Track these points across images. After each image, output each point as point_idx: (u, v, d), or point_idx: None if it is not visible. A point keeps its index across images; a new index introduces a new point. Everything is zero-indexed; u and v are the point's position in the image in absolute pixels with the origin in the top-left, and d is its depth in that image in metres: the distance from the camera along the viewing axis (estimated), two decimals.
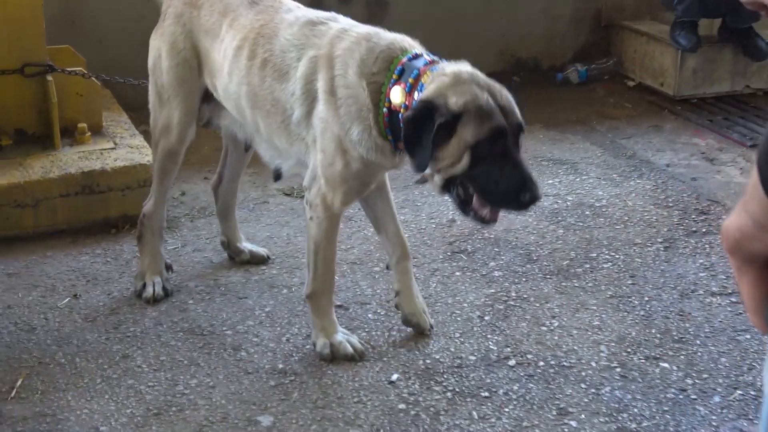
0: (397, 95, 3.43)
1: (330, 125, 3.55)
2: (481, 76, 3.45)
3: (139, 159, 5.00)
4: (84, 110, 5.21)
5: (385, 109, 3.47)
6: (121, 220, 4.96)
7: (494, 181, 3.35)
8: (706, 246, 4.97)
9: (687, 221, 5.25)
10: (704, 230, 5.14)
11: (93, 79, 5.16)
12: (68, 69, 5.05)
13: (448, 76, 3.37)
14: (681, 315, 4.33)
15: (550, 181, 5.69)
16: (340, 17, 3.81)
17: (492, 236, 4.98)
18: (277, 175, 4.06)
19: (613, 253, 4.87)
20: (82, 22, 6.33)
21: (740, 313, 4.34)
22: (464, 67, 3.45)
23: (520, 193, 3.34)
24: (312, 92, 3.61)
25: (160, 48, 4.12)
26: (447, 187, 3.46)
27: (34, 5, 5.01)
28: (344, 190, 3.67)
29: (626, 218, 5.27)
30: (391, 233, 4.05)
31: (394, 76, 3.46)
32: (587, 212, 5.32)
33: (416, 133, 3.32)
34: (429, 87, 3.36)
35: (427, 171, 3.41)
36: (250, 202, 5.33)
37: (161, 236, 4.40)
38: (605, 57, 7.66)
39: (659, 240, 5.03)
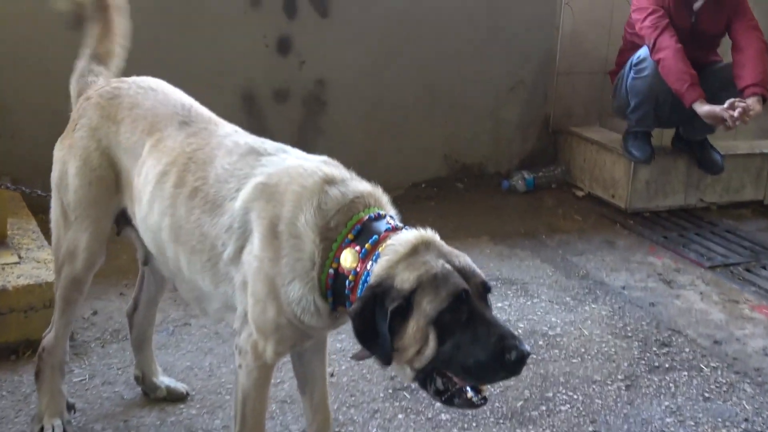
0: (348, 258, 2.95)
1: (264, 268, 3.04)
2: (439, 243, 2.97)
3: (45, 276, 4.44)
4: None
5: (331, 270, 2.98)
6: (22, 346, 4.37)
7: (470, 351, 2.81)
8: (671, 385, 4.55)
9: (648, 354, 4.82)
10: (667, 366, 4.72)
11: None
12: None
13: (402, 247, 2.90)
14: None
15: (500, 304, 5.25)
16: (290, 149, 3.30)
17: None
18: None
19: (570, 393, 4.42)
20: None
21: None
22: (423, 236, 2.96)
23: (503, 354, 2.79)
24: (248, 224, 3.10)
25: (67, 162, 3.59)
26: (422, 381, 2.92)
27: None
28: (277, 338, 3.14)
29: (583, 350, 4.83)
30: (316, 399, 3.55)
31: (350, 236, 2.98)
32: (541, 342, 4.88)
33: (368, 326, 2.83)
34: (380, 262, 2.89)
35: (393, 365, 2.90)
36: (169, 325, 4.78)
37: (62, 372, 3.85)
38: (553, 164, 7.34)
39: (620, 377, 4.59)
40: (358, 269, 2.94)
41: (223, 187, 3.18)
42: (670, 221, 6.77)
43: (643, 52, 6.51)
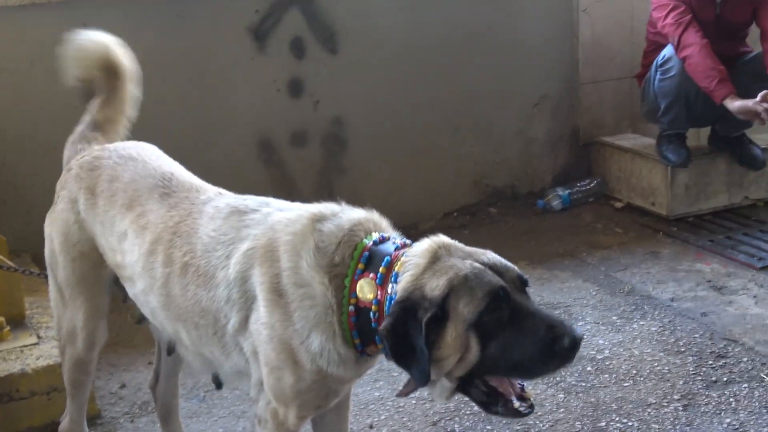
0: (365, 289, 2.75)
1: (276, 332, 2.84)
2: (459, 246, 2.80)
3: None
4: (1, 301, 4.52)
5: (351, 308, 2.78)
6: (48, 430, 4.21)
7: (520, 348, 2.64)
8: (731, 400, 4.29)
9: (704, 369, 4.56)
10: (725, 379, 4.46)
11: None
12: None
13: (422, 257, 2.71)
14: None
15: None
16: (273, 201, 3.11)
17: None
18: (219, 383, 3.33)
19: (624, 420, 4.18)
20: (5, 192, 5.69)
21: None
22: (438, 241, 2.79)
23: (555, 343, 2.62)
24: (249, 293, 2.91)
25: (53, 238, 3.45)
26: (464, 389, 2.75)
27: None
28: (298, 404, 2.94)
29: (634, 372, 4.58)
30: None
31: (360, 266, 2.79)
32: (589, 368, 4.63)
33: (403, 343, 2.64)
34: (403, 277, 2.70)
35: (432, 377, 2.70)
36: (200, 390, 4.59)
37: None
38: (587, 178, 7.08)
39: (676, 397, 4.34)
40: (379, 297, 2.74)
41: (212, 256, 2.99)
42: (716, 224, 6.49)
43: (667, 51, 6.28)
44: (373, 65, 6.43)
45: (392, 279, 2.73)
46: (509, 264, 2.77)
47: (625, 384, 4.48)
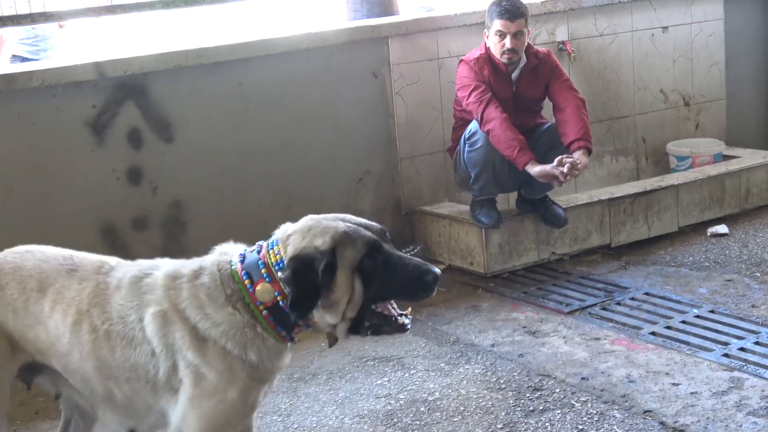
0: (263, 291, 3.32)
1: (215, 368, 3.34)
2: (317, 216, 3.44)
3: None
4: None
5: (265, 312, 3.33)
6: None
7: (395, 283, 3.31)
8: (547, 424, 4.86)
9: (523, 401, 5.14)
10: (541, 408, 5.04)
11: None
12: None
13: (294, 231, 3.35)
14: None
15: (379, 381, 5.50)
16: (159, 262, 3.62)
17: None
18: None
19: None
20: None
21: None
22: (302, 220, 3.42)
23: (422, 278, 3.32)
24: (170, 344, 3.39)
25: None
26: (355, 329, 3.36)
27: None
28: (235, 421, 3.45)
29: (462, 408, 5.12)
30: None
31: (246, 282, 3.34)
32: (422, 408, 5.14)
33: (304, 285, 3.21)
34: (289, 251, 3.28)
35: (328, 321, 3.32)
36: None
37: None
38: (411, 244, 7.63)
39: (499, 426, 4.89)
40: (278, 290, 3.29)
41: (127, 321, 3.45)
42: (528, 277, 7.14)
43: (473, 126, 6.91)
44: (207, 150, 6.84)
45: (276, 268, 3.29)
46: (371, 222, 3.44)
47: (455, 419, 5.00)
